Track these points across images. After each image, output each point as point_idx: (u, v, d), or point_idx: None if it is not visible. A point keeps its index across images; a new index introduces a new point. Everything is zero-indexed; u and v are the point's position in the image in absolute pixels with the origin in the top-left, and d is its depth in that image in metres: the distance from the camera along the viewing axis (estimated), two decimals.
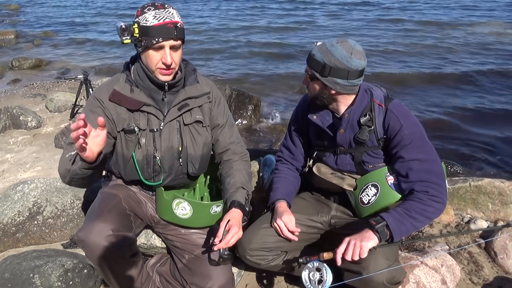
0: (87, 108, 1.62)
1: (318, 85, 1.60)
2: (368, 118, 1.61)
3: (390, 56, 8.26)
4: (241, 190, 1.68)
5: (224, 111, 1.80)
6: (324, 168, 1.79)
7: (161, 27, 1.46)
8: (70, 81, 6.48)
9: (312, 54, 1.58)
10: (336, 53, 1.52)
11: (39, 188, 2.48)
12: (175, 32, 1.47)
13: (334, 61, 1.52)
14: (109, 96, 1.58)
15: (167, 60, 1.49)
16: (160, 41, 1.46)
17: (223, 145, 1.79)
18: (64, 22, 13.94)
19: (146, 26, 1.46)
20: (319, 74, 1.55)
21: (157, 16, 1.47)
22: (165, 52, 1.49)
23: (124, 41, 1.47)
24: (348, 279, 1.52)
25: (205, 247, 1.73)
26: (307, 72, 1.63)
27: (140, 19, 1.48)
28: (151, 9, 1.48)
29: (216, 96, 1.78)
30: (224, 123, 1.78)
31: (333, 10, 14.65)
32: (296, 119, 1.89)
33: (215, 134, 1.78)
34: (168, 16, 1.48)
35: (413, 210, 1.49)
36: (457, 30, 10.48)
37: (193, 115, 1.68)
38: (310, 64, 1.59)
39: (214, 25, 12.51)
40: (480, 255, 2.18)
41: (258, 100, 5.63)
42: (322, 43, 1.58)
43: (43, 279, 1.85)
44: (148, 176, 1.69)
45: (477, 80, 6.71)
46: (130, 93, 1.59)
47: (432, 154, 1.57)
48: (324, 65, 1.52)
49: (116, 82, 1.62)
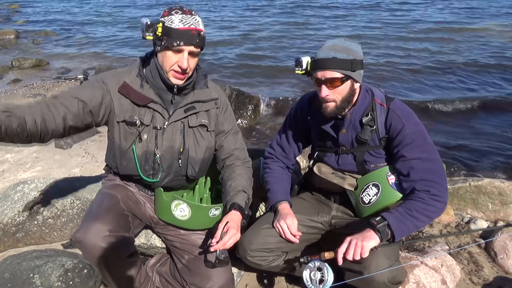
0: (88, 83, 1.60)
1: (348, 85, 1.56)
2: (370, 117, 1.62)
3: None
4: (242, 194, 1.69)
5: (230, 118, 1.81)
6: (325, 168, 1.79)
7: (185, 32, 1.48)
8: (70, 81, 6.47)
9: (333, 58, 1.50)
10: (353, 46, 1.54)
11: (39, 188, 2.48)
12: (197, 40, 1.50)
13: (356, 55, 1.53)
14: (119, 88, 1.59)
15: (183, 64, 1.51)
16: (181, 44, 1.48)
17: (227, 151, 1.80)
18: (64, 22, 13.94)
19: (170, 27, 1.47)
20: (350, 71, 1.52)
21: (183, 21, 1.49)
22: (183, 56, 1.51)
23: (147, 37, 1.48)
24: (349, 278, 1.52)
25: (203, 248, 1.73)
26: (333, 78, 1.52)
27: (166, 19, 1.50)
28: (179, 13, 1.50)
29: (224, 103, 1.80)
30: (229, 130, 1.80)
31: (333, 11, 14.66)
32: (294, 119, 1.88)
33: (220, 140, 1.79)
34: (194, 23, 1.50)
35: (414, 210, 1.49)
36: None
37: (198, 119, 1.69)
38: (335, 66, 1.50)
39: (214, 25, 12.51)
40: (480, 255, 2.19)
41: (258, 100, 5.64)
42: (327, 47, 1.54)
43: (43, 279, 1.85)
44: (146, 173, 1.69)
45: (477, 77, 6.72)
46: (139, 88, 1.60)
47: (433, 153, 1.57)
48: (352, 60, 1.51)
49: (127, 75, 1.62)
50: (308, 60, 1.59)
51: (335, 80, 1.52)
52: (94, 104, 1.54)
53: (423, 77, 6.91)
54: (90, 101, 1.53)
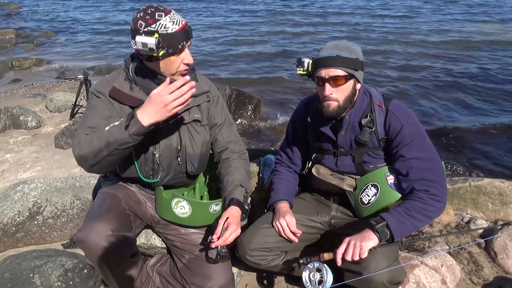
0: (94, 101, 1.59)
1: (351, 83, 1.56)
2: (369, 119, 1.62)
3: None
4: (240, 188, 1.69)
5: (223, 110, 1.80)
6: (323, 170, 1.79)
7: (183, 31, 1.47)
8: (70, 81, 6.47)
9: (337, 56, 1.50)
10: (355, 47, 1.56)
11: (39, 188, 2.48)
12: (191, 32, 1.51)
13: (358, 55, 1.54)
14: (109, 92, 1.58)
15: (191, 60, 1.52)
16: (184, 44, 1.48)
17: (222, 144, 1.79)
18: (64, 22, 13.94)
19: (167, 33, 1.43)
20: (353, 69, 1.53)
21: (174, 21, 1.45)
22: (186, 53, 1.51)
23: (160, 53, 1.42)
24: (348, 279, 1.52)
25: (204, 245, 1.73)
26: (337, 76, 1.51)
27: (158, 28, 1.42)
28: (162, 15, 1.44)
29: (215, 95, 1.78)
30: (222, 122, 1.78)
31: (333, 11, 14.65)
32: (293, 124, 1.90)
33: (214, 133, 1.79)
34: (180, 18, 1.49)
35: (413, 210, 1.49)
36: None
37: (191, 114, 1.68)
38: (339, 64, 1.50)
39: (215, 24, 12.51)
40: (480, 255, 2.18)
41: (258, 100, 5.64)
42: (330, 46, 1.55)
43: (43, 279, 1.85)
44: (146, 174, 1.69)
45: (476, 78, 6.72)
46: (129, 91, 1.59)
47: (432, 153, 1.57)
48: (354, 59, 1.52)
49: (115, 80, 1.62)
50: (309, 61, 1.59)
51: (339, 78, 1.52)
52: (115, 116, 1.56)
53: (424, 77, 6.91)
54: (110, 113, 1.56)
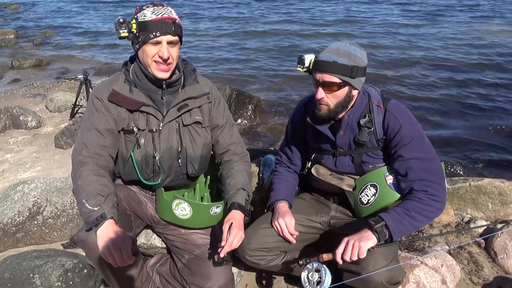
0: (92, 109, 1.61)
1: (345, 90, 1.55)
2: (368, 119, 1.62)
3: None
4: (241, 192, 1.69)
5: (224, 112, 1.79)
6: (323, 170, 1.79)
7: (159, 22, 1.47)
8: (70, 81, 6.48)
9: (333, 62, 1.49)
10: (357, 52, 1.53)
11: (39, 188, 2.48)
12: (173, 28, 1.49)
13: (359, 61, 1.52)
14: (108, 96, 1.58)
15: (164, 54, 1.49)
16: (157, 35, 1.47)
17: (223, 146, 1.79)
18: (64, 22, 13.93)
19: (144, 21, 1.47)
20: (349, 77, 1.51)
21: (155, 12, 1.49)
22: (162, 46, 1.49)
23: (121, 34, 1.47)
24: (347, 279, 1.52)
25: (207, 249, 1.74)
26: (330, 82, 1.51)
27: (138, 15, 1.50)
28: (150, 7, 1.51)
29: (216, 96, 1.78)
30: (223, 123, 1.78)
31: (334, 10, 14.65)
32: (292, 125, 1.90)
33: (215, 135, 1.78)
34: (166, 12, 1.50)
35: (412, 210, 1.49)
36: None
37: (192, 116, 1.68)
38: (335, 70, 1.49)
39: (215, 24, 12.51)
40: (480, 255, 2.18)
41: (258, 100, 5.64)
42: (330, 49, 1.53)
43: (43, 279, 1.85)
44: (147, 176, 1.69)
45: (475, 78, 6.72)
46: (129, 93, 1.59)
47: (431, 153, 1.57)
48: (352, 67, 1.50)
49: (115, 82, 1.62)
50: (311, 59, 1.58)
51: (332, 84, 1.52)
52: (111, 125, 1.58)
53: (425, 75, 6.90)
54: (106, 123, 1.57)
